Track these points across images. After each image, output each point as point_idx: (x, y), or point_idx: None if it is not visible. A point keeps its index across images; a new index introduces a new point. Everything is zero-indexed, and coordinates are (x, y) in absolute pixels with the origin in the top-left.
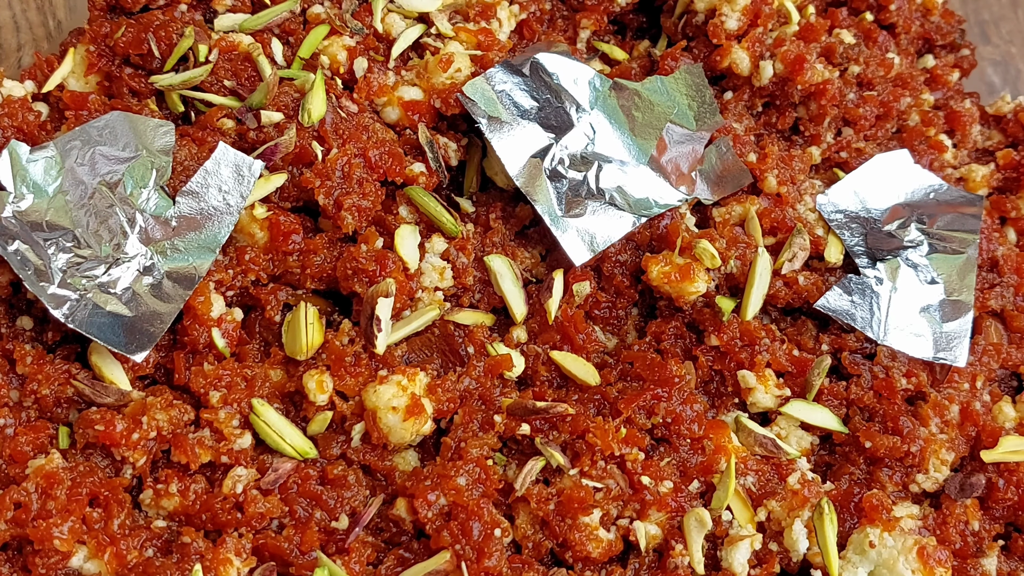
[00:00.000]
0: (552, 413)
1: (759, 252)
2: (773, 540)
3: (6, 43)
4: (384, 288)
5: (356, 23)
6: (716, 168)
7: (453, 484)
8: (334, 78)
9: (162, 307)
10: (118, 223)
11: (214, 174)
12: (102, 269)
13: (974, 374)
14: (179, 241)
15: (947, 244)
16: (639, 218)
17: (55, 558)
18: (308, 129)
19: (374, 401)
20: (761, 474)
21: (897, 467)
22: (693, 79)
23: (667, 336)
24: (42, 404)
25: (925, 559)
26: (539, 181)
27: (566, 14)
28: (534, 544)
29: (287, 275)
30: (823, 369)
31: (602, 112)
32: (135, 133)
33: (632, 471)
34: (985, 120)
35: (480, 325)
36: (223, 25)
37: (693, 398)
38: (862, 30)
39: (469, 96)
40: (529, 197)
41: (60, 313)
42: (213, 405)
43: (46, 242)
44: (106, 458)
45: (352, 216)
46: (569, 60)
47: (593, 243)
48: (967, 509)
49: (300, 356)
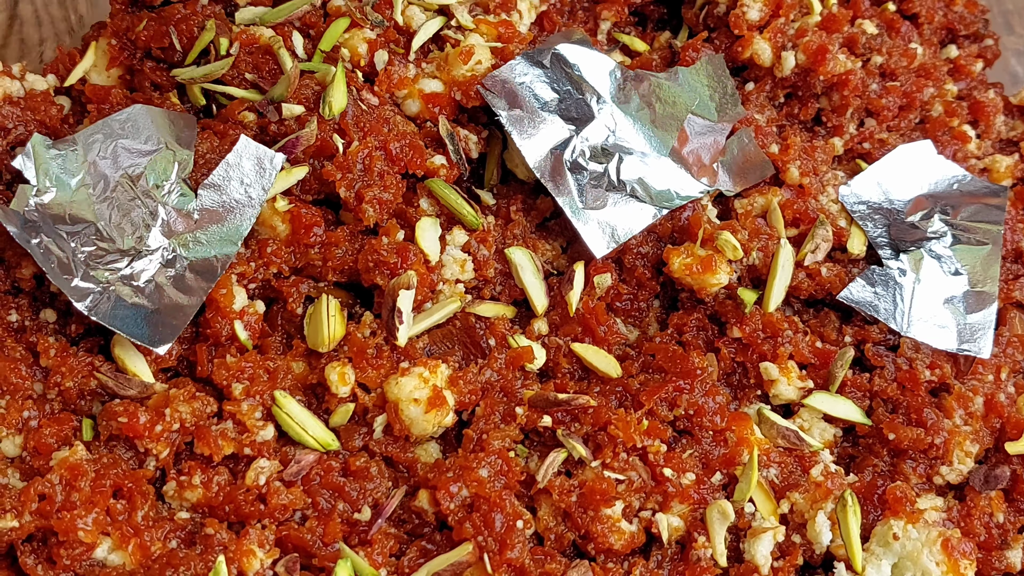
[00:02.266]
0: (574, 405)
1: (781, 243)
2: (796, 532)
3: (28, 38)
4: (405, 280)
5: (376, 16)
6: (738, 159)
7: (475, 476)
8: (355, 71)
9: (184, 300)
10: (140, 216)
11: (236, 167)
12: (125, 262)
13: (998, 365)
14: (201, 234)
15: (971, 235)
16: (660, 210)
17: (79, 549)
18: (329, 122)
19: (396, 393)
20: (784, 466)
21: (921, 459)
22: (715, 70)
23: (689, 328)
24: (66, 396)
25: (950, 551)
26: (560, 173)
27: (586, 5)
28: (556, 536)
29: (309, 268)
30: (846, 361)
31: (623, 104)
32: (157, 127)
33: (654, 463)
34: (1009, 110)
35: (501, 317)
36: (244, 18)
37: (715, 390)
38: (885, 20)
39: (489, 88)
40: (550, 189)
41: (83, 306)
42: (236, 397)
43: (69, 235)
44: (129, 450)
45: (373, 209)
46: (590, 51)
47: (615, 235)
48: (991, 501)
49: (322, 348)
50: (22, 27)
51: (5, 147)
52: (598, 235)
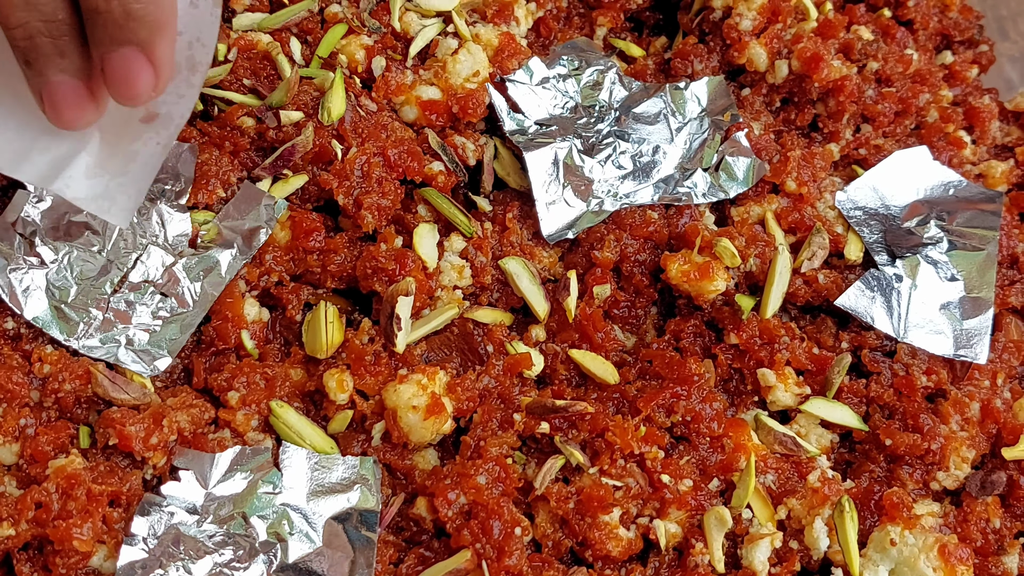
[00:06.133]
0: (571, 411)
1: (779, 250)
2: (793, 538)
3: None
4: (404, 287)
5: (374, 22)
6: (734, 164)
7: (473, 483)
8: (352, 77)
9: (187, 311)
10: (140, 230)
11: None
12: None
13: (994, 371)
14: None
15: (967, 241)
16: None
17: (75, 558)
18: (328, 128)
19: (394, 400)
20: (781, 472)
21: (917, 465)
22: (715, 81)
23: (686, 334)
24: (62, 404)
25: (947, 557)
26: (554, 180)
27: (583, 12)
28: (554, 543)
29: (308, 274)
30: (843, 367)
31: (622, 110)
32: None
33: (652, 469)
34: (1004, 116)
35: (499, 324)
36: (242, 24)
37: (712, 396)
38: (880, 26)
39: (490, 96)
40: (536, 197)
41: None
42: (232, 406)
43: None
44: (126, 458)
45: (372, 215)
46: (592, 56)
47: (573, 228)
48: (988, 507)
49: (320, 355)
50: None
51: None
52: (555, 220)
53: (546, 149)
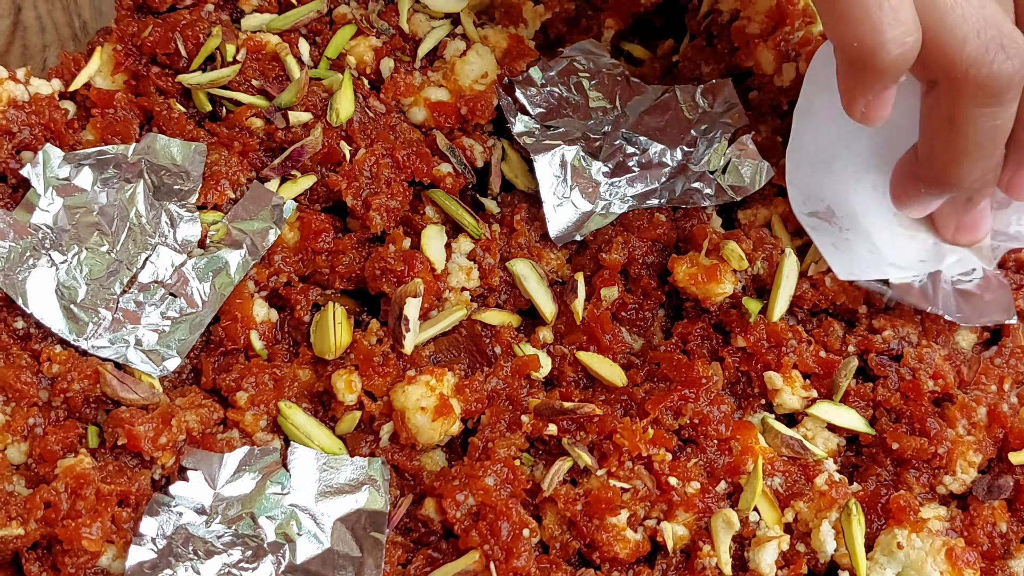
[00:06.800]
0: (579, 414)
1: (786, 253)
2: (800, 541)
3: (31, 43)
4: (412, 288)
5: (382, 23)
6: (741, 166)
7: (481, 484)
8: (361, 78)
9: (196, 311)
10: (149, 230)
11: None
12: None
13: (1001, 376)
14: (211, 252)
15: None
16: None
17: (84, 557)
18: (336, 129)
19: (402, 401)
20: (788, 475)
21: (924, 468)
22: (722, 84)
23: (694, 337)
24: (71, 404)
25: (953, 560)
26: (562, 182)
27: (590, 14)
28: (562, 544)
29: (316, 275)
30: (850, 370)
31: (630, 112)
32: (168, 155)
33: (659, 472)
34: None
35: (507, 325)
36: (250, 25)
37: (720, 399)
38: None
39: (499, 98)
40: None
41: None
42: (240, 406)
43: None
44: (135, 458)
45: (380, 216)
46: (599, 59)
47: (580, 230)
48: (995, 511)
49: (328, 356)
50: (25, 33)
51: (11, 151)
52: (562, 221)
53: (554, 151)
